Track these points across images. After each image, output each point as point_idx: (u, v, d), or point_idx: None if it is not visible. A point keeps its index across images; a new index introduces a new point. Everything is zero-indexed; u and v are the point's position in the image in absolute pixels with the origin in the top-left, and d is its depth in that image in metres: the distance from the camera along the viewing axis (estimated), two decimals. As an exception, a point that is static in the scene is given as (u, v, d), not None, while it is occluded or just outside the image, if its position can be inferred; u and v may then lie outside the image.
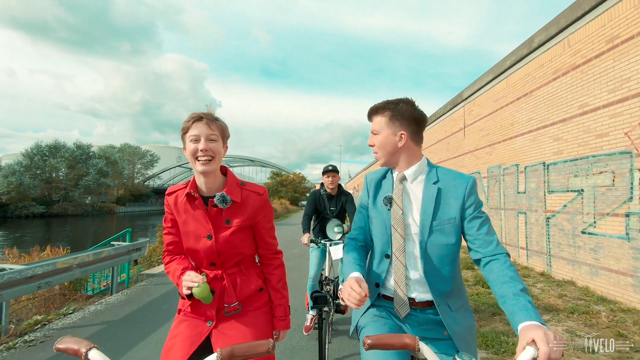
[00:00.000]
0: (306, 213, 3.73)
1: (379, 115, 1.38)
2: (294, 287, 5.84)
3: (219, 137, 1.39)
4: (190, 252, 1.44)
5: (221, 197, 1.39)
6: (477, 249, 1.25)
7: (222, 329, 1.37)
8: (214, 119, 1.40)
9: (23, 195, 51.84)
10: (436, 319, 1.28)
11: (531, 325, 0.92)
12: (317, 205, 3.75)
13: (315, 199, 3.75)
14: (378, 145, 1.39)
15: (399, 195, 1.34)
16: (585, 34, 5.67)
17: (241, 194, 1.44)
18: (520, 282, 1.09)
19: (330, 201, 3.73)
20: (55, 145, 58.38)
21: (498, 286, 1.11)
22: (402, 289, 1.30)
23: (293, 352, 3.27)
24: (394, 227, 1.32)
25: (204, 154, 1.34)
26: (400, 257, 1.31)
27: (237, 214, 1.43)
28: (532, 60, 7.10)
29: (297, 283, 5.88)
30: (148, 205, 75.96)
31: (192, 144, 1.35)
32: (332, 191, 3.73)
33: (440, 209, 1.29)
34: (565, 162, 6.08)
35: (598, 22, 5.40)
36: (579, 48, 5.78)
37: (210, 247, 1.38)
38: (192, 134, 1.35)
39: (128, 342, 3.59)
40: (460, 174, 1.35)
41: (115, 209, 64.59)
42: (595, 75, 5.39)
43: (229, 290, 1.41)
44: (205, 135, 1.35)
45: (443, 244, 1.27)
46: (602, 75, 5.24)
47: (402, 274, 1.30)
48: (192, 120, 1.36)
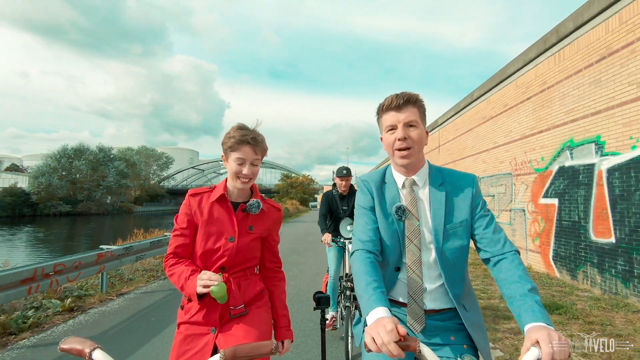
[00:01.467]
0: (322, 214, 3.92)
1: (415, 106, 1.21)
2: (312, 270, 8.60)
3: (261, 158, 1.46)
4: (206, 253, 1.44)
5: (256, 203, 1.47)
6: (485, 248, 1.20)
7: (226, 330, 1.39)
8: (260, 142, 1.44)
9: (51, 195, 55.77)
10: (444, 325, 1.22)
11: (537, 327, 0.90)
12: (330, 205, 3.94)
13: (328, 200, 3.93)
14: (416, 139, 1.20)
15: (413, 205, 1.24)
16: (494, 98, 9.09)
17: (265, 206, 1.53)
18: (529, 282, 1.05)
19: (342, 201, 3.89)
20: (79, 148, 62.20)
21: (506, 286, 1.08)
22: (418, 302, 1.19)
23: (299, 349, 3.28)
24: (409, 239, 1.22)
25: (246, 178, 1.42)
26: (416, 271, 1.20)
27: (260, 223, 1.51)
28: (472, 108, 10.56)
29: (313, 269, 9.06)
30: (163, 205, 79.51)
31: (237, 166, 1.41)
32: (344, 192, 3.89)
33: (450, 212, 1.23)
34: (487, 177, 9.51)
35: (498, 95, 8.82)
36: (493, 106, 9.20)
37: (231, 249, 1.42)
38: (238, 157, 1.40)
39: (133, 342, 3.57)
40: (461, 173, 1.31)
41: (133, 208, 67.78)
42: (499, 125, 8.81)
43: (235, 292, 1.43)
44: (250, 161, 1.41)
45: (457, 247, 1.21)
46: (502, 126, 8.65)
47: (419, 287, 1.20)
48: (240, 142, 1.39)
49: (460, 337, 1.20)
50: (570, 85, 6.12)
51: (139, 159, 76.39)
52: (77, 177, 59.81)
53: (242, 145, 1.39)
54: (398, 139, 1.20)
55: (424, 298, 1.21)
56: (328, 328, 3.64)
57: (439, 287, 1.22)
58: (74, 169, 59.66)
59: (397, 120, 1.20)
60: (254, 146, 1.40)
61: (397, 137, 1.20)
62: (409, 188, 1.26)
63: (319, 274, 6.87)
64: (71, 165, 59.78)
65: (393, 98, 1.20)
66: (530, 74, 7.42)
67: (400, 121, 1.19)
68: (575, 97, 6.00)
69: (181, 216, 1.46)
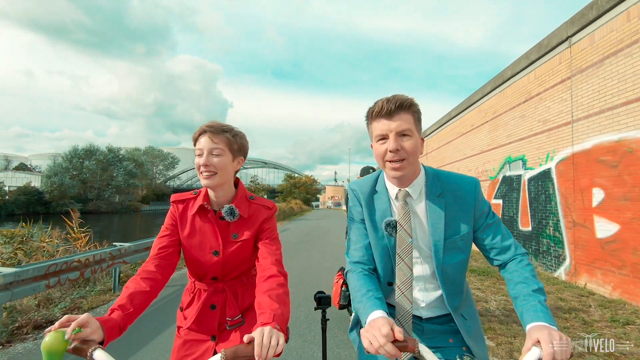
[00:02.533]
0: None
1: (408, 112, 1.09)
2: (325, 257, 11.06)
3: (225, 150, 1.31)
4: (193, 266, 1.37)
5: (229, 209, 1.33)
6: (496, 257, 1.16)
7: (226, 338, 1.34)
8: (219, 130, 1.31)
9: (63, 194, 58.04)
10: (442, 328, 1.19)
11: (538, 326, 0.90)
12: None
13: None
14: (410, 150, 1.09)
15: (406, 220, 1.15)
16: (464, 119, 11.29)
17: (249, 208, 1.39)
18: (535, 282, 1.04)
19: None
20: (89, 149, 64.46)
21: (512, 286, 1.07)
22: (405, 328, 1.14)
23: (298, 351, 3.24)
24: (399, 257, 1.15)
25: (206, 169, 1.29)
26: (406, 292, 1.14)
27: (245, 227, 1.37)
28: (450, 124, 12.78)
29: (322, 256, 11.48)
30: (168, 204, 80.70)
31: (197, 158, 1.31)
32: None
33: (451, 226, 1.15)
34: (460, 182, 11.75)
35: (467, 116, 11.02)
36: (464, 125, 11.41)
37: (216, 263, 1.34)
38: (197, 147, 1.31)
39: (134, 342, 3.52)
40: (462, 178, 1.21)
41: (141, 207, 69.69)
42: (468, 140, 11.02)
43: (230, 302, 1.35)
44: (208, 150, 1.29)
45: (458, 261, 1.16)
46: (470, 142, 10.87)
47: (407, 313, 1.14)
48: (198, 132, 1.32)
49: (458, 339, 1.17)
50: (509, 116, 8.34)
51: (146, 159, 78.56)
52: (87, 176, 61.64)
53: (199, 136, 1.31)
54: (390, 151, 1.08)
55: (412, 326, 1.15)
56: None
57: (437, 299, 1.18)
58: (84, 169, 61.64)
59: (389, 129, 1.07)
60: (212, 134, 1.29)
61: (388, 149, 1.08)
62: (402, 201, 1.17)
63: (324, 257, 8.99)
64: (82, 166, 61.79)
65: (384, 103, 1.08)
66: (487, 104, 9.63)
67: (392, 130, 1.07)
68: (511, 125, 8.21)
69: (165, 225, 1.38)
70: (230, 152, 1.34)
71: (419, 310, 1.21)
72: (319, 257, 8.63)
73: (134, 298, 1.14)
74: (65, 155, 62.88)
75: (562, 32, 6.38)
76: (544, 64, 6.99)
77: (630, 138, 4.90)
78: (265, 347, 0.89)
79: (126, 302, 1.12)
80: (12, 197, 54.24)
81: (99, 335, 0.97)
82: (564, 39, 6.35)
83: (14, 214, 50.68)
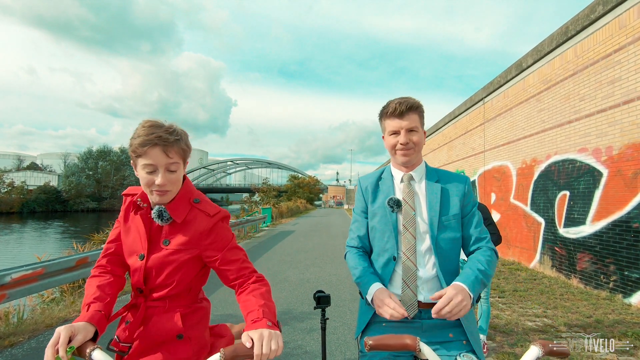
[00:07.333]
0: None
1: (416, 112, 1.34)
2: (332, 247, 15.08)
3: (180, 162, 1.14)
4: (129, 271, 1.21)
5: (158, 211, 1.14)
6: (471, 246, 1.33)
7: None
8: (173, 140, 1.10)
9: (80, 193, 61.35)
10: (441, 322, 1.24)
11: (457, 285, 1.11)
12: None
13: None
14: (417, 142, 1.34)
15: (410, 196, 1.34)
16: (447, 131, 15.01)
17: (188, 213, 1.19)
18: (484, 265, 1.20)
19: None
20: (103, 150, 67.84)
21: (465, 265, 1.22)
22: (412, 288, 1.27)
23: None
24: (405, 227, 1.31)
25: (161, 189, 1.11)
26: (411, 257, 1.29)
27: (180, 234, 1.17)
28: (440, 132, 16.47)
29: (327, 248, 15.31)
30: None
31: (146, 175, 1.09)
32: None
33: (445, 205, 1.33)
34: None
35: (449, 129, 14.74)
36: (449, 135, 15.13)
37: (139, 269, 1.15)
38: (146, 163, 1.08)
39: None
40: (456, 174, 1.42)
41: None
42: (436, 155, 14.78)
43: (134, 324, 1.13)
44: (164, 166, 1.09)
45: (451, 238, 1.31)
46: (451, 150, 14.60)
47: (413, 273, 1.28)
48: (146, 143, 1.06)
49: (458, 332, 1.25)
50: (458, 142, 12.11)
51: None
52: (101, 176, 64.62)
53: (149, 147, 1.06)
54: (401, 143, 1.32)
55: (418, 287, 1.27)
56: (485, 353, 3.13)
57: (434, 278, 1.29)
58: (100, 169, 64.81)
59: (400, 126, 1.31)
60: (166, 147, 1.07)
61: (399, 142, 1.32)
62: (407, 182, 1.37)
63: (329, 238, 12.79)
64: (97, 166, 64.98)
65: (396, 105, 1.31)
66: (446, 130, 13.40)
67: (403, 127, 1.31)
68: (458, 148, 12.02)
69: (117, 219, 1.26)
70: (183, 162, 1.16)
71: (417, 290, 1.28)
72: (326, 238, 12.85)
73: (104, 288, 1.13)
74: (81, 156, 66.08)
75: (480, 94, 10.16)
76: (472, 112, 10.80)
77: (505, 164, 8.67)
78: (266, 356, 0.89)
79: (100, 293, 1.10)
80: (33, 195, 57.15)
81: (90, 333, 0.97)
82: (480, 99, 10.14)
83: (35, 212, 54.29)
